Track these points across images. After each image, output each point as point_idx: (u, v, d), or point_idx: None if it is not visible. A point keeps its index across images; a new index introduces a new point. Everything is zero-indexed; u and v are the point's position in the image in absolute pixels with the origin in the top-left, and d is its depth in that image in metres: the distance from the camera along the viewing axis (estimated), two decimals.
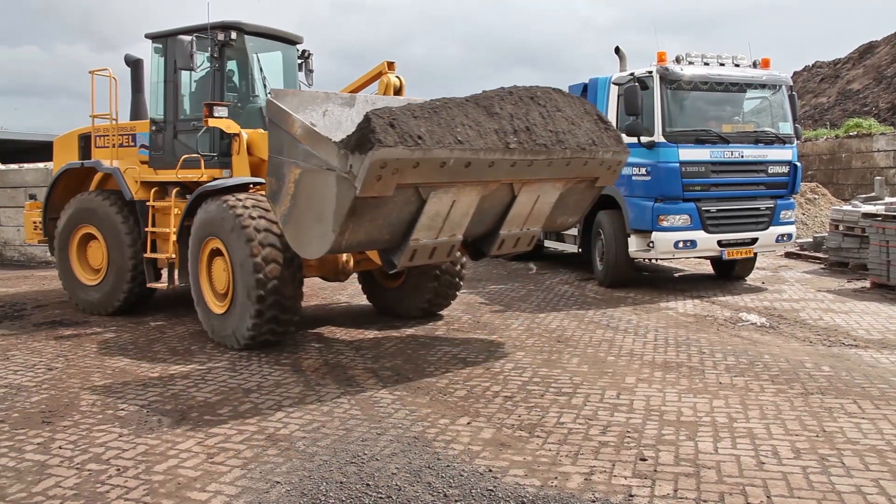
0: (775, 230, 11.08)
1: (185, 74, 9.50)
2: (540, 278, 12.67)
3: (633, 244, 10.86)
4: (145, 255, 9.48)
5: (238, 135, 8.91)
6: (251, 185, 8.53)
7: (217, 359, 7.50)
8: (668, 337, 8.21)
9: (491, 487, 4.37)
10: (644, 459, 4.76)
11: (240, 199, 7.89)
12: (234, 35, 9.31)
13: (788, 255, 14.55)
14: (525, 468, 4.65)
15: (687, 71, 10.60)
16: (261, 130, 9.00)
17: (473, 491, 4.32)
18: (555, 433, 5.26)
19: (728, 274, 12.18)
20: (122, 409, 5.95)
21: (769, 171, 10.95)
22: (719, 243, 10.70)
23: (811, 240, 14.86)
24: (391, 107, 6.09)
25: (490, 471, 4.60)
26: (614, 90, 11.37)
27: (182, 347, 8.05)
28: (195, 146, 9.21)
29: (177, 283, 9.14)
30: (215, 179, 8.80)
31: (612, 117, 11.40)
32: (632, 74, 10.94)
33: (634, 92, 10.46)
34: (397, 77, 9.19)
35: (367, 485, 4.43)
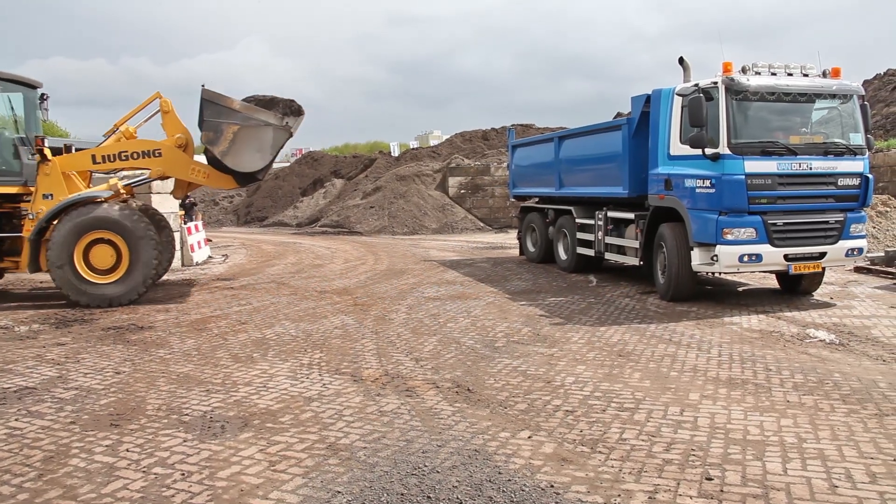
0: (845, 244, 10.73)
1: None
2: (600, 291, 12.53)
3: (697, 257, 10.65)
4: None
5: (52, 159, 11.91)
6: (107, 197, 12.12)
7: (278, 366, 7.60)
8: (732, 353, 8.02)
9: None
10: (710, 479, 4.64)
11: (130, 204, 12.24)
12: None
13: (858, 269, 14.09)
14: (587, 484, 4.57)
15: (753, 81, 10.36)
16: (66, 154, 12.32)
17: None
18: (617, 449, 5.17)
19: (794, 288, 11.86)
20: (187, 415, 6.06)
21: (839, 184, 10.61)
22: (786, 257, 10.41)
23: (882, 254, 14.37)
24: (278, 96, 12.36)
25: (552, 486, 4.54)
26: (678, 101, 11.18)
27: (244, 355, 8.17)
28: None
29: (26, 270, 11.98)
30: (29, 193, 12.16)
31: (675, 129, 11.23)
32: (696, 85, 10.74)
33: (699, 103, 10.28)
34: (167, 100, 12.55)
35: (428, 497, 4.41)
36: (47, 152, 11.95)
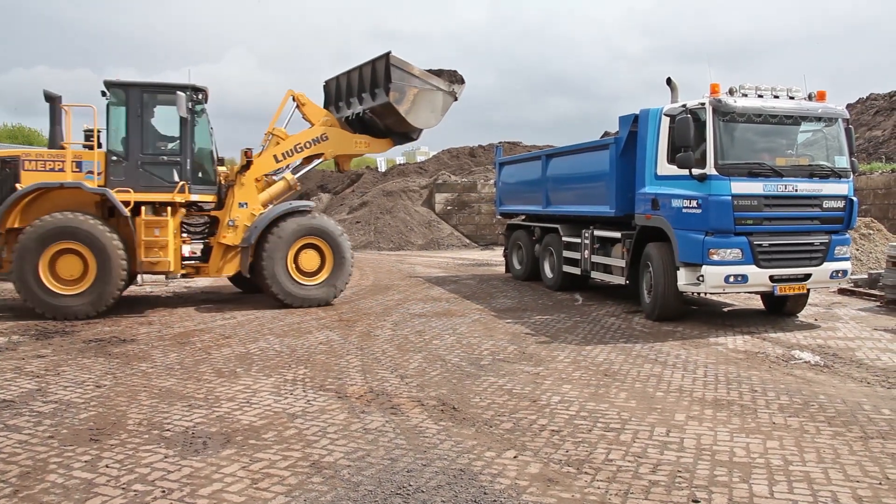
0: (830, 266, 10.78)
1: (141, 118, 11.91)
2: (586, 310, 12.52)
3: (683, 277, 10.66)
4: (144, 260, 11.59)
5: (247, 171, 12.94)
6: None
7: (262, 382, 7.53)
8: (717, 373, 8.02)
9: None
10: (697, 501, 4.62)
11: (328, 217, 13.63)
12: (206, 94, 12.43)
13: (842, 291, 14.17)
14: None
15: (740, 103, 10.42)
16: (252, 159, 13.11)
17: None
18: (603, 470, 5.14)
19: (779, 310, 11.89)
20: (168, 430, 5.98)
21: (824, 206, 10.68)
22: (771, 278, 10.45)
23: (866, 276, 14.46)
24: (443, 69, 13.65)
25: None
26: (665, 121, 11.23)
27: (227, 370, 8.09)
28: (160, 175, 11.92)
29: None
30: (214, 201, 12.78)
31: (662, 149, 11.28)
32: (684, 106, 10.80)
33: (686, 123, 10.33)
34: (300, 94, 13.87)
35: None
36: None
